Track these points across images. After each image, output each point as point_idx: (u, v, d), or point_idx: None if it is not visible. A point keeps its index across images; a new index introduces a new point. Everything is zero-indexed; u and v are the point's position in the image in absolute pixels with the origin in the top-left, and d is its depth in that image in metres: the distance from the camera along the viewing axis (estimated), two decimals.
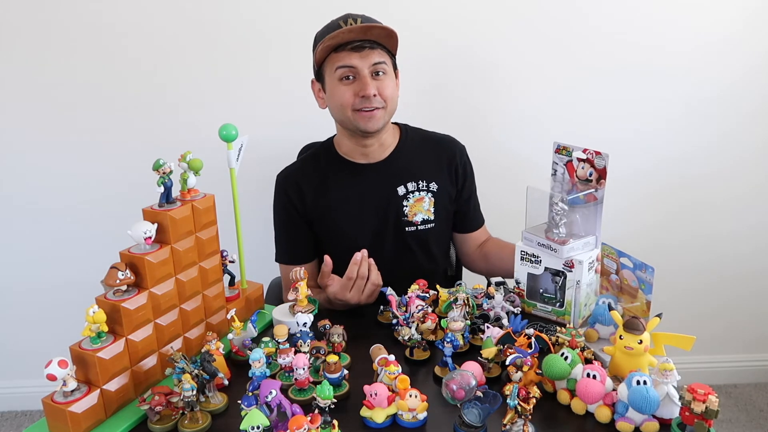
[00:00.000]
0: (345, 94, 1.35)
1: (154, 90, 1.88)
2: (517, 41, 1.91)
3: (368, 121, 1.36)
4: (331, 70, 1.36)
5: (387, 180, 1.47)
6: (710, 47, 1.95)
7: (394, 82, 1.40)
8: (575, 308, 1.21)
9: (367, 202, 1.46)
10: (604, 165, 1.20)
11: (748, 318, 2.29)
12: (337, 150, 1.50)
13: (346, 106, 1.36)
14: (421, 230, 1.48)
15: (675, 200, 2.12)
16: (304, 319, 1.10)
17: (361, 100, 1.34)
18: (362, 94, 1.34)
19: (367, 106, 1.35)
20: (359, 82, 1.34)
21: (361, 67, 1.33)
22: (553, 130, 1.97)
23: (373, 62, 1.34)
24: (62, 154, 1.93)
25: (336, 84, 1.36)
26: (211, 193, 1.13)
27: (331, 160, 1.50)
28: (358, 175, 1.47)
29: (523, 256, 1.25)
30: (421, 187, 1.47)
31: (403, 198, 1.47)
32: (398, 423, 0.94)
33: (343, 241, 1.44)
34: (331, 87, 1.38)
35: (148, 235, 0.98)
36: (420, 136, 1.55)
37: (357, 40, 1.32)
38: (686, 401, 0.87)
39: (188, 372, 0.94)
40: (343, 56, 1.33)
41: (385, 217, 1.47)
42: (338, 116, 1.42)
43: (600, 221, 1.23)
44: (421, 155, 1.50)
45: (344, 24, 1.31)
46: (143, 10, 1.81)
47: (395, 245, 1.48)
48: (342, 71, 1.34)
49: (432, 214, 1.49)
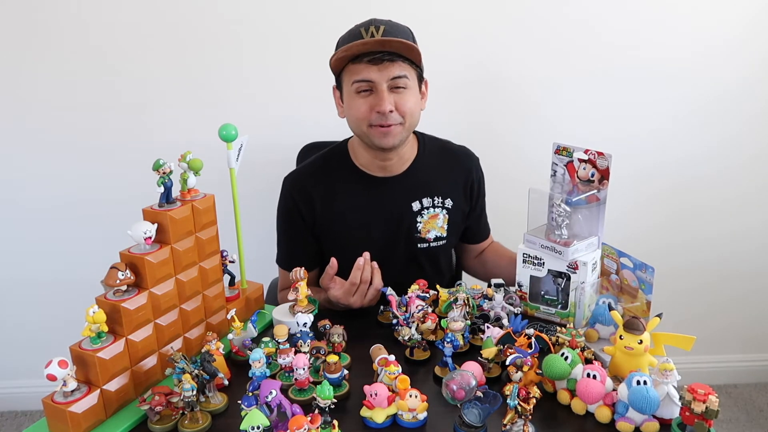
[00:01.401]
0: (361, 107, 1.29)
1: (155, 90, 1.88)
2: (521, 44, 1.91)
3: (384, 137, 1.30)
4: (348, 82, 1.30)
5: (402, 194, 1.42)
6: (713, 50, 1.94)
7: (415, 97, 1.32)
8: (579, 310, 1.21)
9: (379, 216, 1.41)
10: (607, 165, 1.19)
11: (748, 318, 2.29)
12: (353, 159, 1.43)
13: (362, 121, 1.30)
14: (433, 247, 1.45)
15: (676, 202, 2.12)
16: (304, 319, 1.10)
17: (377, 116, 1.28)
18: (378, 110, 1.27)
19: (384, 122, 1.29)
20: (376, 96, 1.27)
21: (379, 81, 1.26)
22: (554, 131, 1.97)
23: (392, 76, 1.26)
24: (62, 153, 1.92)
25: (353, 96, 1.30)
26: (211, 193, 1.13)
27: (344, 168, 1.43)
28: (373, 188, 1.41)
29: (525, 258, 1.25)
30: (436, 203, 1.43)
31: (417, 214, 1.43)
32: (398, 423, 0.94)
33: (348, 253, 1.30)
34: (348, 99, 1.32)
35: (148, 235, 0.98)
36: (438, 147, 1.49)
37: (375, 51, 1.24)
38: (686, 401, 0.87)
39: (188, 372, 0.94)
40: (360, 69, 1.26)
41: (396, 231, 1.43)
42: (355, 129, 1.36)
43: (603, 222, 1.23)
44: (439, 169, 1.45)
45: (365, 32, 1.24)
46: (143, 10, 1.81)
47: (405, 260, 1.45)
48: (358, 85, 1.28)
49: (445, 231, 1.46)
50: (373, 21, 1.27)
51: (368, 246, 1.29)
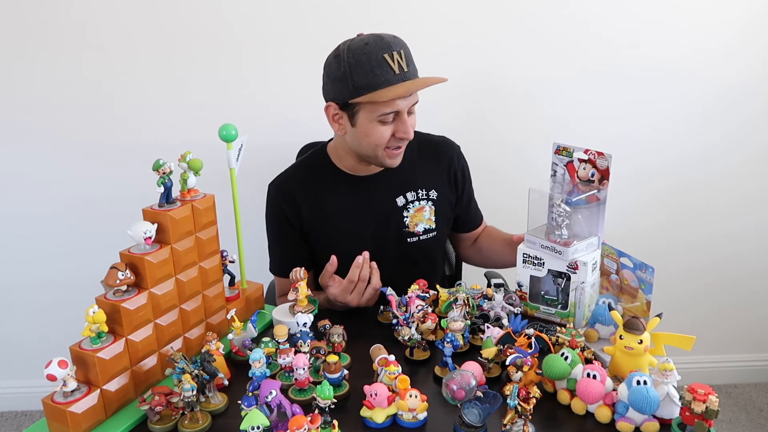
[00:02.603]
0: (384, 134, 1.28)
1: (155, 90, 1.88)
2: (520, 43, 1.91)
3: (395, 158, 1.34)
4: (372, 111, 1.26)
5: (386, 191, 1.43)
6: (713, 50, 1.94)
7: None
8: (579, 310, 1.21)
9: (366, 215, 1.42)
10: (607, 165, 1.20)
11: (749, 318, 2.29)
12: (335, 163, 1.44)
13: (380, 146, 1.30)
14: (423, 240, 1.46)
15: (677, 202, 2.12)
16: (304, 319, 1.10)
17: (396, 140, 1.30)
18: (402, 136, 1.29)
19: (401, 145, 1.32)
20: (399, 123, 1.28)
21: (403, 109, 1.27)
22: (554, 131, 1.97)
23: (413, 102, 1.30)
24: (62, 153, 1.92)
25: (374, 124, 1.28)
26: (211, 193, 1.13)
27: (327, 172, 1.44)
28: (356, 187, 1.42)
29: (525, 258, 1.25)
30: (420, 196, 1.45)
31: (403, 209, 1.44)
32: (398, 423, 0.94)
33: (340, 255, 1.31)
34: (365, 124, 1.29)
35: (148, 235, 0.98)
36: (417, 141, 1.48)
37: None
38: (686, 401, 0.87)
39: (188, 372, 0.94)
40: (390, 102, 1.25)
41: (385, 228, 1.43)
42: (365, 151, 1.34)
43: (603, 222, 1.23)
44: (420, 162, 1.47)
45: (390, 60, 1.22)
46: (143, 9, 1.81)
47: (397, 257, 1.44)
48: (386, 117, 1.27)
49: (433, 223, 1.46)
50: (391, 46, 1.24)
51: (359, 246, 1.29)
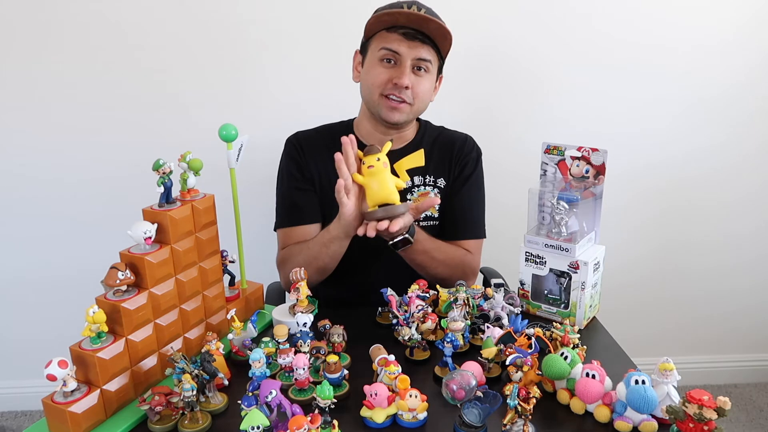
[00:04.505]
0: (380, 75, 1.32)
1: (155, 90, 1.88)
2: (521, 41, 1.91)
3: (391, 111, 1.33)
4: (375, 47, 1.33)
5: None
6: (712, 47, 1.95)
7: (431, 83, 1.37)
8: (580, 310, 1.21)
9: None
10: (602, 161, 1.20)
11: (748, 318, 2.29)
12: (355, 131, 1.46)
13: (377, 88, 1.33)
14: (423, 227, 1.42)
15: (676, 200, 2.12)
16: (304, 319, 1.10)
17: (392, 87, 1.31)
18: (396, 81, 1.30)
19: (396, 95, 1.32)
20: (397, 69, 1.31)
21: (406, 56, 1.30)
22: (553, 131, 1.97)
23: (419, 56, 1.31)
24: (62, 153, 1.93)
25: (375, 63, 1.33)
26: (211, 193, 1.13)
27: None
28: None
29: (527, 257, 1.25)
30: (427, 182, 1.45)
31: (408, 191, 1.44)
32: (398, 423, 0.94)
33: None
34: (369, 64, 1.35)
35: (148, 235, 0.98)
36: (437, 133, 1.51)
37: (411, 28, 1.28)
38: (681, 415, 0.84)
39: (188, 372, 0.94)
40: (392, 39, 1.30)
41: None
42: (366, 95, 1.38)
43: (599, 217, 1.24)
44: (435, 152, 1.47)
45: (407, 7, 1.27)
46: (144, 10, 1.81)
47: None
48: (385, 53, 1.31)
49: (436, 212, 1.46)
50: (416, 1, 1.30)
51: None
